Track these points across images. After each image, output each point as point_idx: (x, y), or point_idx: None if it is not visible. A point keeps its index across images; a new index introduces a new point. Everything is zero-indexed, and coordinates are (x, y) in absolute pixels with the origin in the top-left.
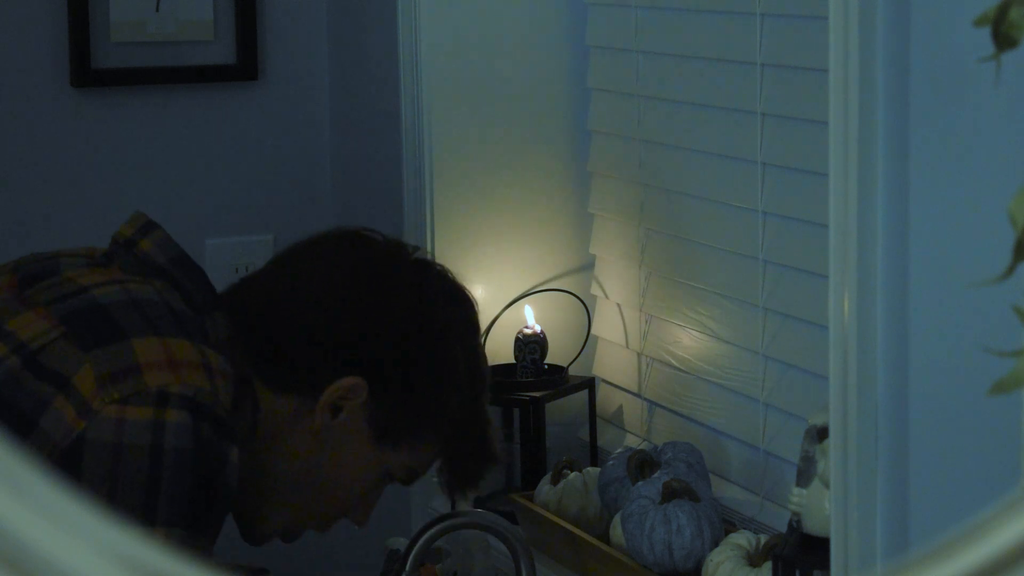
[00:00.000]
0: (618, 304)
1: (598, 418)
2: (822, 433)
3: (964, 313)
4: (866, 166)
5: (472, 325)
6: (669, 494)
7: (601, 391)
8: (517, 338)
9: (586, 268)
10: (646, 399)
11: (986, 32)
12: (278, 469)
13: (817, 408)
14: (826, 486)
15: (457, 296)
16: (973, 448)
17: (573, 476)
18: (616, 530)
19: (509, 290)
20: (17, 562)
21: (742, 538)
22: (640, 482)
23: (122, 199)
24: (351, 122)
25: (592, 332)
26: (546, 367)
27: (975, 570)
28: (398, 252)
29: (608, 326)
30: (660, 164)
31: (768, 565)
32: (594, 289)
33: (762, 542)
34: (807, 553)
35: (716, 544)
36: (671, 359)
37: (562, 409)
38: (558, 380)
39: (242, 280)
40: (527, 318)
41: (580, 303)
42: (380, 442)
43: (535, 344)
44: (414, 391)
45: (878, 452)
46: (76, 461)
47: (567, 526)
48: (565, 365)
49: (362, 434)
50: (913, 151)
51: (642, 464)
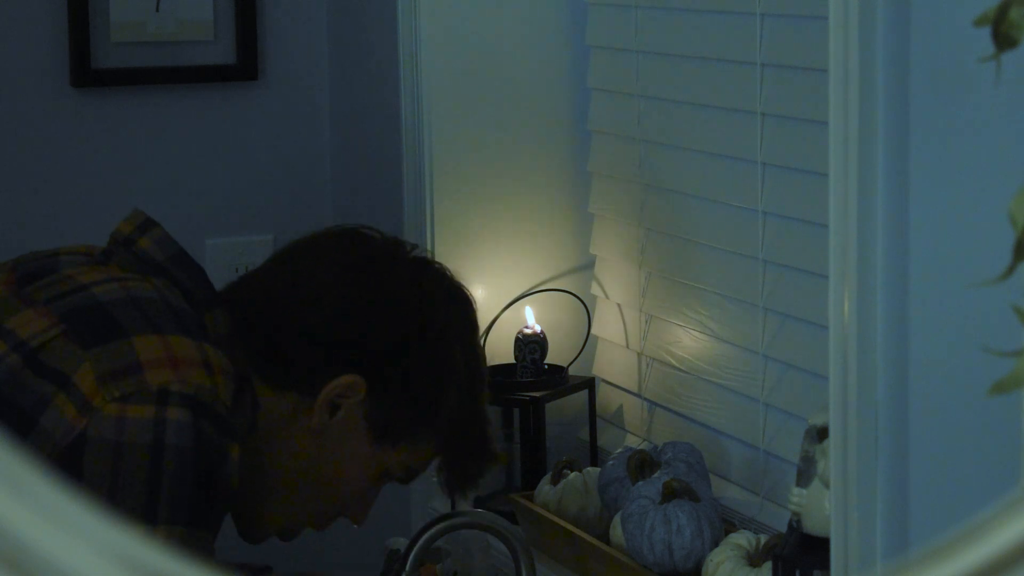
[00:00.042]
0: (618, 304)
1: (598, 418)
2: (822, 433)
3: (964, 313)
4: (866, 166)
5: (471, 324)
6: (669, 494)
7: (601, 391)
8: (517, 338)
9: (586, 268)
10: (646, 399)
11: (986, 32)
12: (276, 467)
13: (817, 408)
14: (826, 486)
15: (456, 294)
16: (973, 448)
17: (573, 476)
18: (616, 530)
19: (509, 290)
20: (17, 562)
21: (742, 538)
22: (640, 482)
23: (122, 199)
24: (351, 122)
25: (592, 332)
26: (546, 367)
27: (975, 570)
28: (397, 250)
29: (608, 326)
30: (660, 164)
31: (768, 565)
32: (594, 289)
33: (762, 542)
34: (807, 553)
35: (716, 544)
36: (671, 359)
37: (562, 409)
38: (558, 380)
39: (241, 278)
40: (527, 318)
41: (580, 303)
42: (378, 440)
43: (535, 344)
44: (412, 389)
45: (878, 452)
46: (77, 459)
47: (567, 526)
48: (565, 365)
49: (360, 432)
50: (913, 151)
51: (642, 464)
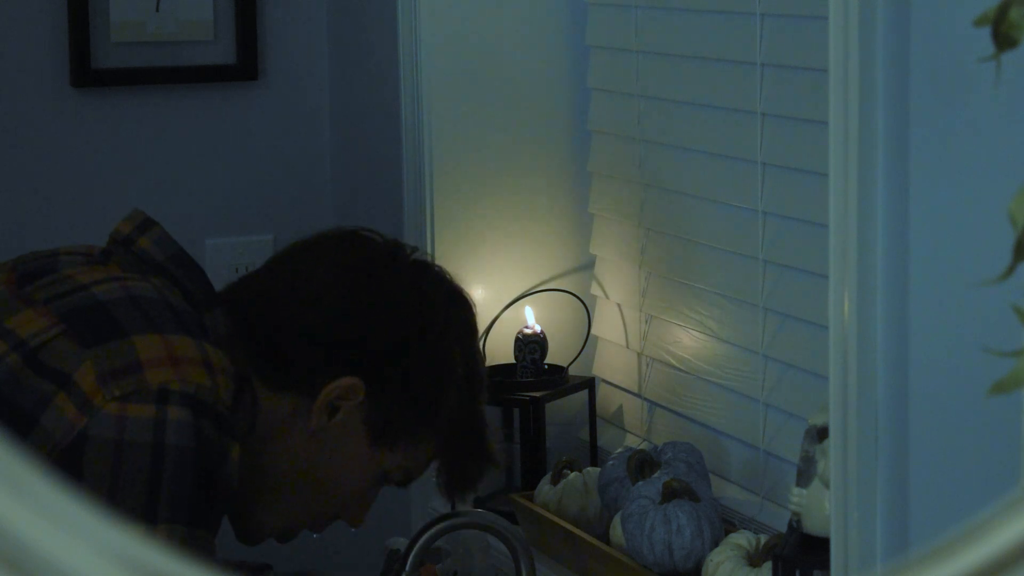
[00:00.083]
0: (618, 304)
1: (598, 418)
2: (822, 433)
3: (964, 313)
4: (866, 166)
5: (470, 326)
6: (669, 494)
7: (601, 391)
8: (517, 338)
9: (586, 268)
10: (646, 399)
11: (986, 32)
12: (274, 468)
13: (817, 408)
14: (826, 486)
15: (455, 297)
16: (973, 448)
17: (573, 476)
18: (616, 530)
19: (509, 290)
20: (17, 562)
21: (742, 538)
22: (640, 482)
23: (122, 199)
24: (351, 122)
25: (592, 332)
26: (546, 367)
27: (975, 570)
28: (397, 253)
29: (608, 326)
30: (660, 164)
31: (768, 565)
32: (594, 289)
33: (762, 542)
34: (807, 553)
35: (716, 544)
36: (671, 359)
37: (562, 409)
38: (558, 380)
39: (241, 279)
40: (527, 318)
41: (580, 303)
42: (377, 443)
43: (535, 344)
44: (411, 392)
45: (878, 452)
46: (77, 458)
47: (567, 526)
48: (565, 365)
49: (359, 435)
50: (913, 151)
51: (642, 464)
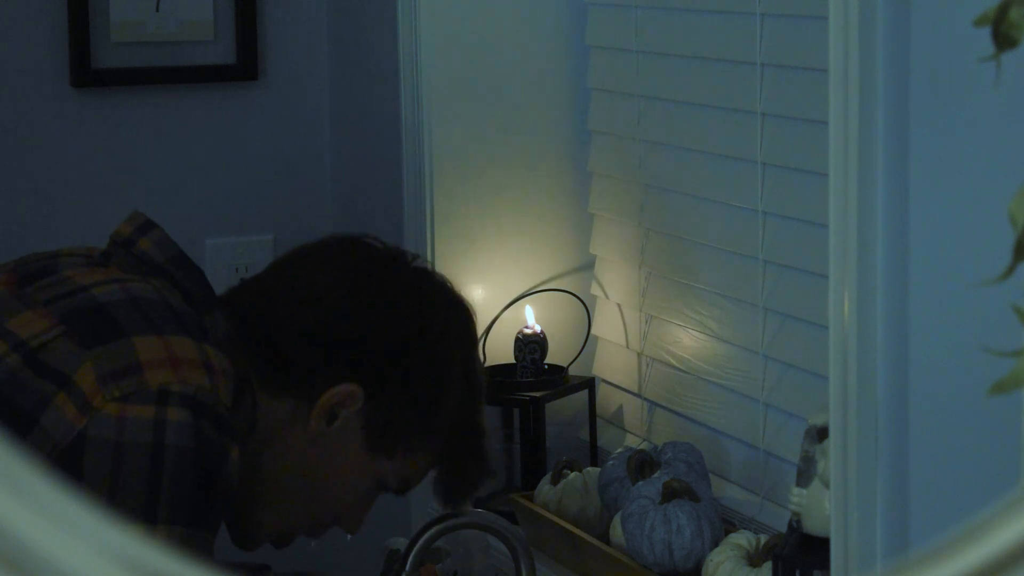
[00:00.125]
0: (618, 304)
1: (598, 418)
2: (822, 433)
3: (964, 313)
4: (866, 166)
5: (470, 335)
6: (669, 494)
7: (601, 391)
8: (517, 338)
9: (586, 268)
10: (646, 399)
11: (986, 32)
12: (272, 472)
13: (817, 408)
14: (826, 486)
15: (455, 305)
16: (973, 448)
17: (573, 476)
18: (616, 530)
19: (509, 290)
20: (17, 562)
21: (742, 538)
22: (640, 482)
23: (122, 199)
24: (351, 122)
25: (592, 332)
26: (546, 367)
27: (975, 570)
28: (398, 260)
29: (608, 326)
30: (660, 164)
31: (768, 565)
32: (594, 289)
33: (762, 542)
34: (807, 553)
35: (716, 544)
36: (671, 359)
37: (562, 409)
38: (558, 380)
39: (242, 282)
40: (527, 318)
41: (580, 303)
42: (374, 450)
43: (535, 344)
44: (410, 400)
45: (878, 452)
46: (77, 459)
47: (567, 526)
48: (565, 365)
49: (357, 442)
50: (913, 151)
51: (642, 464)
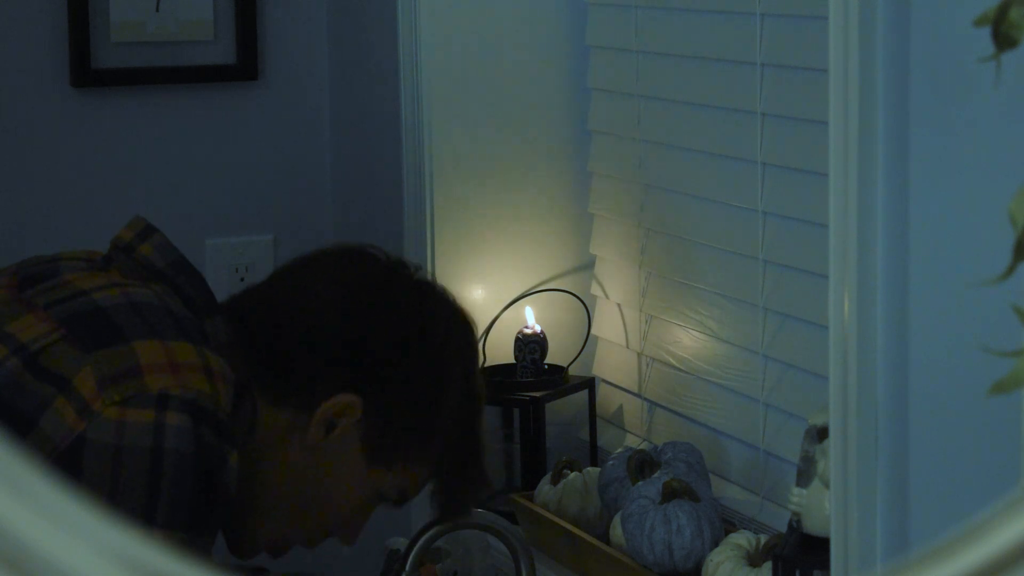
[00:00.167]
0: (618, 304)
1: (598, 418)
2: (822, 433)
3: (964, 313)
4: (866, 166)
5: (471, 348)
6: (669, 494)
7: (601, 391)
8: (517, 338)
9: (586, 268)
10: (646, 399)
11: (986, 32)
12: (269, 481)
13: (817, 408)
14: (826, 486)
15: (457, 318)
16: (973, 448)
17: (573, 476)
18: (616, 530)
19: (509, 290)
20: (17, 562)
21: (742, 538)
22: (640, 482)
23: (122, 199)
24: (351, 122)
25: (592, 332)
26: (546, 367)
27: (975, 570)
28: (400, 271)
29: (608, 326)
30: (660, 164)
31: (768, 565)
32: (594, 289)
33: (762, 542)
34: (807, 553)
35: (716, 544)
36: (671, 359)
37: (562, 409)
38: (558, 380)
39: (244, 290)
40: (527, 318)
41: (580, 303)
42: (372, 462)
43: (535, 344)
44: (409, 412)
45: (878, 452)
46: (76, 462)
47: (567, 526)
48: (565, 365)
49: (355, 452)
50: (913, 151)
51: (642, 464)
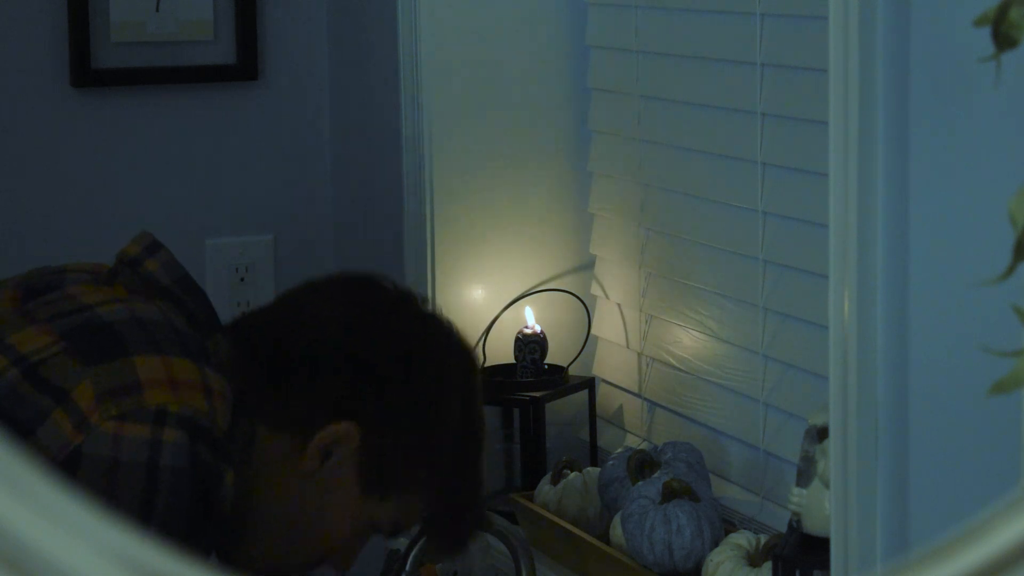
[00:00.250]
0: (618, 304)
1: (598, 418)
2: (822, 433)
3: (964, 313)
4: (866, 166)
5: (472, 383)
6: (669, 494)
7: (601, 391)
8: (517, 338)
9: (586, 268)
10: (646, 399)
11: (986, 32)
12: (263, 504)
13: (817, 408)
14: (826, 486)
15: (460, 353)
16: (973, 448)
17: (573, 476)
18: (616, 530)
19: (509, 290)
20: (17, 562)
21: (742, 538)
22: (640, 482)
23: (122, 199)
24: (351, 122)
25: (592, 332)
26: (546, 367)
27: (975, 570)
28: (406, 302)
29: (608, 326)
30: (660, 164)
31: (768, 565)
32: (594, 289)
33: (762, 542)
34: (807, 553)
35: (716, 544)
36: (671, 359)
37: (562, 409)
38: (558, 380)
39: (249, 312)
40: (527, 318)
41: (580, 303)
42: (368, 491)
43: (535, 344)
44: (406, 444)
45: (878, 452)
46: (71, 475)
47: (567, 526)
48: (565, 365)
49: (350, 481)
50: (913, 151)
51: (642, 464)
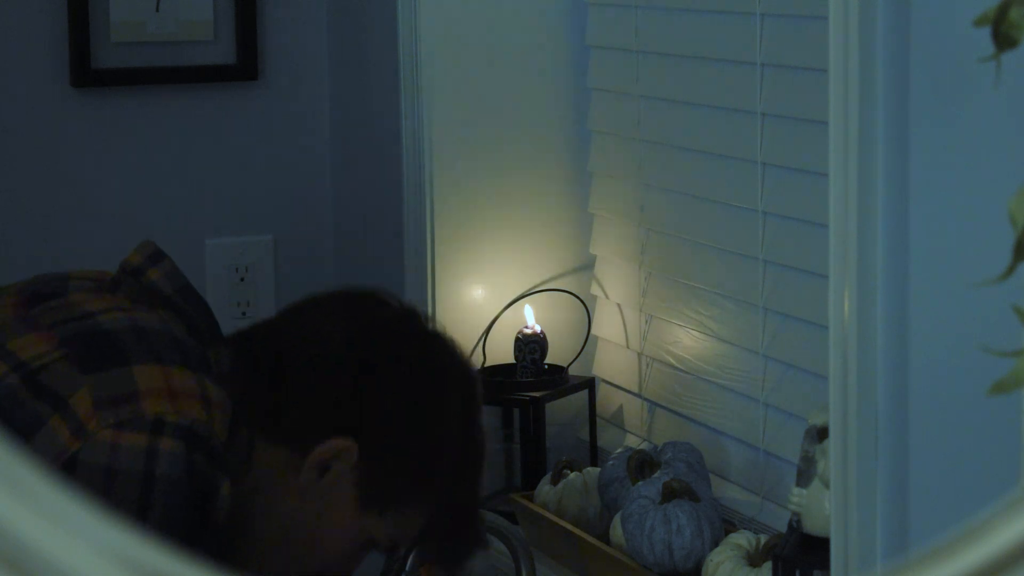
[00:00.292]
0: (618, 304)
1: (598, 418)
2: (822, 433)
3: (964, 313)
4: (866, 166)
5: (473, 403)
6: (669, 494)
7: (601, 391)
8: (517, 338)
9: (586, 268)
10: (646, 399)
11: (986, 32)
12: (260, 517)
13: (817, 408)
14: (826, 486)
15: (462, 372)
16: (973, 448)
17: (573, 476)
18: (616, 530)
19: (509, 290)
20: (17, 562)
21: (742, 538)
22: (640, 482)
23: (122, 199)
24: (351, 122)
25: (592, 332)
26: (546, 367)
27: (975, 570)
28: (410, 319)
29: (608, 326)
30: (660, 164)
31: (768, 565)
32: (594, 289)
33: (762, 542)
34: (807, 553)
35: (716, 544)
36: (671, 359)
37: (562, 409)
38: (558, 380)
39: (252, 324)
40: (527, 318)
41: (580, 303)
42: (365, 508)
43: (535, 344)
44: (405, 462)
45: (878, 452)
46: (67, 481)
47: (567, 526)
48: (565, 365)
49: (348, 497)
50: (913, 151)
51: (642, 464)
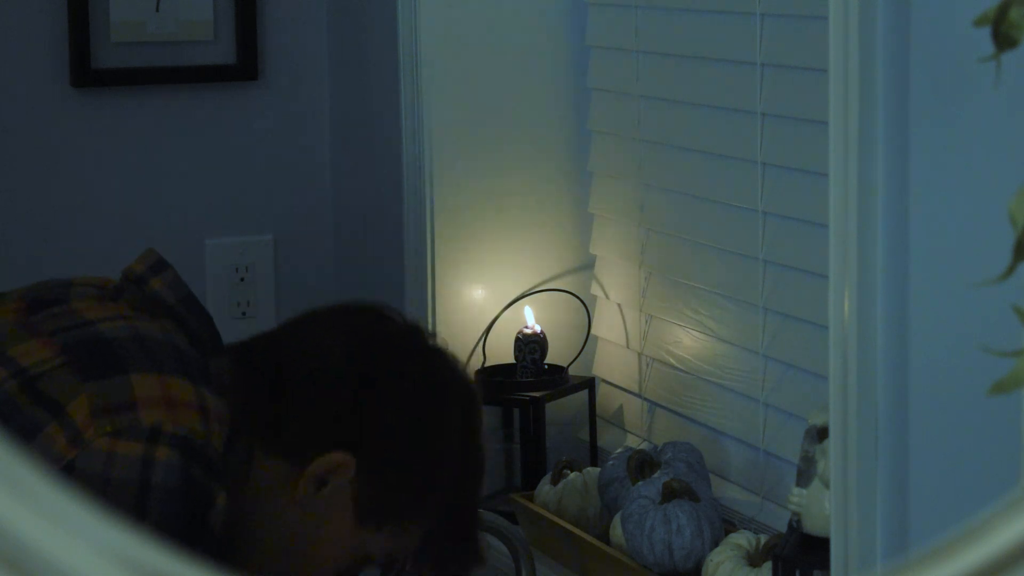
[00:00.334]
0: (618, 304)
1: (598, 418)
2: (822, 433)
3: (964, 313)
4: (866, 166)
5: (473, 421)
6: (669, 494)
7: (601, 391)
8: (517, 338)
9: (586, 268)
10: (646, 399)
11: (986, 32)
12: (256, 529)
13: (817, 408)
14: (826, 486)
15: (463, 390)
16: (973, 448)
17: (573, 476)
18: (616, 530)
19: (509, 290)
20: (17, 562)
21: (742, 538)
22: (640, 482)
23: (122, 199)
24: (351, 122)
25: (592, 332)
26: (546, 367)
27: (975, 570)
28: (413, 335)
29: (608, 326)
30: (660, 164)
31: (768, 565)
32: (594, 289)
33: (762, 542)
34: (807, 553)
35: (716, 544)
36: (671, 359)
37: (562, 409)
38: (558, 380)
39: (253, 336)
40: (527, 318)
41: (580, 303)
42: (362, 522)
43: (535, 344)
44: (404, 477)
45: (878, 452)
46: None
47: (567, 526)
48: (565, 365)
49: (345, 511)
50: (913, 151)
51: (642, 464)
